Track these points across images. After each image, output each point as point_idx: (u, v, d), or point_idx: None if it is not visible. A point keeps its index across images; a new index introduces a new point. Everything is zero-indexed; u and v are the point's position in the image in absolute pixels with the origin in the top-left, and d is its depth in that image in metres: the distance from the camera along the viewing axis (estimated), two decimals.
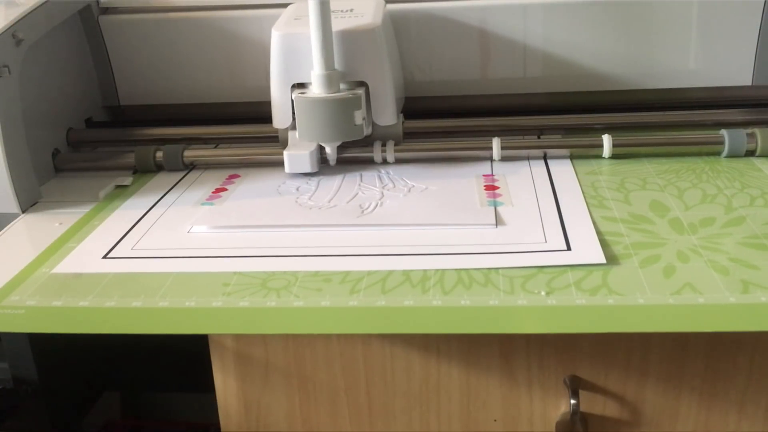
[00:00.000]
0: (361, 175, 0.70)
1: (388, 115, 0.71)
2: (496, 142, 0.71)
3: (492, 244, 0.55)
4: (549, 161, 0.71)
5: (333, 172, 0.71)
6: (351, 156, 0.72)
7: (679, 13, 0.78)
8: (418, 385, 0.53)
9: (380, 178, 0.69)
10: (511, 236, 0.56)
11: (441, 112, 0.79)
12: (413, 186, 0.67)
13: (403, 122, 0.74)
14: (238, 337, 0.54)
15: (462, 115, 0.77)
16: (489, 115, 0.76)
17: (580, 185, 0.65)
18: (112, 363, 0.79)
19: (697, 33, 0.78)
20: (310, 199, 0.65)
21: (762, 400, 0.51)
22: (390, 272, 0.52)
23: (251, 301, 0.49)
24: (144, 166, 0.74)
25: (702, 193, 0.62)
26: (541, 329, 0.45)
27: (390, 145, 0.72)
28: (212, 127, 0.79)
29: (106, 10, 0.83)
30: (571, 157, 0.71)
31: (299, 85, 0.69)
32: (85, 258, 0.56)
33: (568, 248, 0.54)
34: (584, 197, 0.62)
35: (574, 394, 0.51)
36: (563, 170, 0.69)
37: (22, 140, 0.67)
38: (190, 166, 0.74)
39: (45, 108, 0.74)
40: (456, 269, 0.52)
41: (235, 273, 0.53)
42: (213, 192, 0.68)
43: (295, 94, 0.67)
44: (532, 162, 0.71)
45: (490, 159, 0.72)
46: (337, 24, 0.67)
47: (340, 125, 0.67)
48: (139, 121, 0.83)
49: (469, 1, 0.79)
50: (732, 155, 0.69)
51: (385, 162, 0.72)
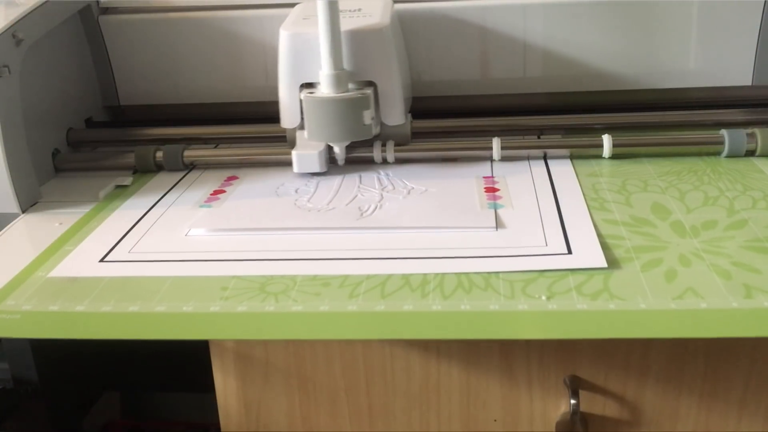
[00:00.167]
0: (360, 177, 0.69)
1: (396, 114, 0.70)
2: (496, 142, 0.70)
3: (492, 248, 0.54)
4: (549, 161, 0.70)
5: (332, 173, 0.70)
6: (350, 156, 0.71)
7: (679, 13, 0.77)
8: (418, 385, 0.53)
9: (379, 180, 0.68)
10: (512, 239, 0.55)
11: (441, 112, 0.78)
12: (413, 188, 0.65)
13: (411, 122, 0.73)
14: None
15: (462, 115, 0.76)
16: (489, 115, 0.76)
17: (581, 187, 0.63)
18: (112, 363, 0.78)
19: (697, 33, 0.77)
20: (308, 201, 0.64)
21: (762, 401, 0.51)
22: (389, 276, 0.51)
23: (249, 305, 0.48)
24: (144, 166, 0.73)
25: (704, 195, 0.61)
26: (541, 335, 0.44)
27: (390, 145, 0.71)
28: (212, 127, 0.79)
29: (106, 10, 0.82)
30: (571, 157, 0.70)
31: (307, 85, 0.68)
32: (82, 261, 0.55)
33: (569, 252, 0.52)
34: (585, 199, 0.61)
35: (574, 394, 0.51)
36: (564, 171, 0.67)
37: (22, 140, 0.66)
38: (190, 166, 0.74)
39: (45, 108, 0.73)
40: (456, 273, 0.50)
41: (233, 277, 0.51)
42: (211, 194, 0.67)
43: (304, 94, 0.67)
44: (532, 162, 0.70)
45: (490, 159, 0.71)
46: (346, 24, 0.66)
47: (349, 125, 0.66)
48: (139, 121, 0.83)
49: (468, 1, 0.78)
50: (732, 155, 0.68)
51: (385, 162, 0.71)
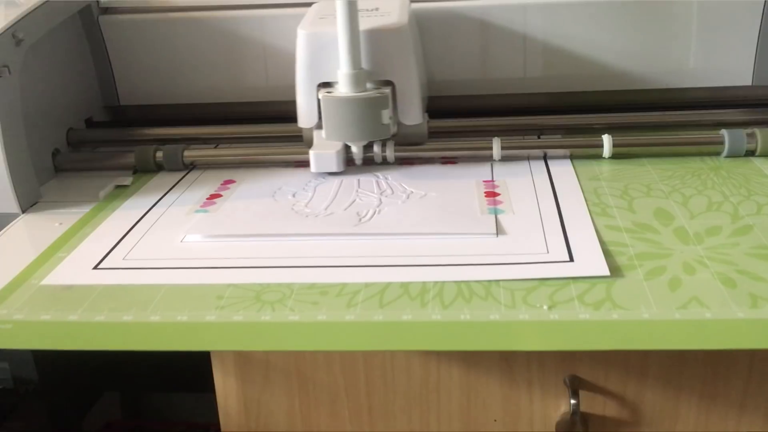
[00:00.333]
0: (358, 181, 0.66)
1: (414, 114, 0.68)
2: (496, 142, 0.69)
3: (493, 255, 0.52)
4: (550, 163, 0.68)
5: (330, 176, 0.68)
6: (350, 156, 0.69)
7: (679, 13, 0.76)
8: (418, 385, 0.52)
9: (378, 184, 0.66)
10: (513, 246, 0.53)
11: (441, 111, 0.76)
12: (412, 192, 0.63)
13: (428, 121, 0.71)
14: None
15: (462, 115, 0.75)
16: (488, 115, 0.75)
17: (582, 191, 0.61)
18: (112, 363, 0.77)
19: (697, 33, 0.77)
20: (306, 206, 0.62)
21: (762, 402, 0.49)
22: (388, 284, 0.48)
23: (245, 315, 0.46)
24: (144, 166, 0.72)
25: (708, 200, 0.59)
26: (543, 346, 0.43)
27: (390, 144, 0.69)
28: (212, 127, 0.78)
29: (106, 10, 0.81)
30: (572, 157, 0.69)
31: (325, 84, 0.67)
32: (76, 268, 0.53)
33: (571, 259, 0.50)
34: (587, 204, 0.59)
35: (574, 394, 0.50)
36: (565, 174, 0.65)
37: (22, 140, 0.65)
38: (190, 166, 0.72)
39: (45, 108, 0.72)
40: (456, 281, 0.48)
41: (228, 285, 0.49)
42: (208, 198, 0.65)
43: (322, 94, 0.65)
44: (532, 164, 0.68)
45: (490, 160, 0.69)
46: (364, 23, 0.65)
47: (367, 124, 0.64)
48: (139, 121, 0.82)
49: (469, 2, 0.77)
50: (732, 155, 0.67)
51: (384, 161, 0.69)
